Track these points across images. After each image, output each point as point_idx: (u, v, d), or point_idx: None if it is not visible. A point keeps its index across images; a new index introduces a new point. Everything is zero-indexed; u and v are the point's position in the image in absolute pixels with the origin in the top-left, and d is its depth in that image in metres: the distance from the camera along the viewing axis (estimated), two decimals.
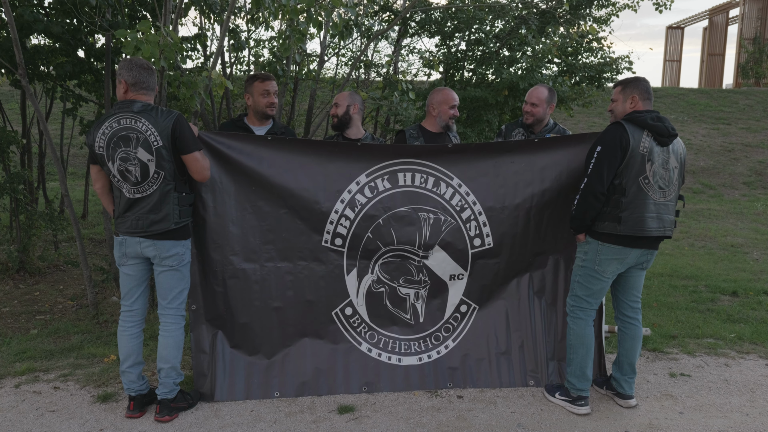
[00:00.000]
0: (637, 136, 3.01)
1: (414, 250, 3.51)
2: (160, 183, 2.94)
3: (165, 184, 2.95)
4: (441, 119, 3.94)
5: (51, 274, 5.84)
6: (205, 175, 3.06)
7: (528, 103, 4.01)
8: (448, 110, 3.93)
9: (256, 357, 3.42)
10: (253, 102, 3.66)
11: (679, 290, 5.73)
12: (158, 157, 2.91)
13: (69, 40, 4.81)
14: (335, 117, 3.87)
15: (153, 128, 2.89)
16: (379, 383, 3.47)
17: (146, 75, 2.96)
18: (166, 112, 2.94)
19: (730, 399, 3.45)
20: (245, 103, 3.76)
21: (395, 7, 7.67)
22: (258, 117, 3.69)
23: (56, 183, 10.07)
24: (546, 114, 4.00)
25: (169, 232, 2.99)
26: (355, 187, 3.42)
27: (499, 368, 3.57)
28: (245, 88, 3.68)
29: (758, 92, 18.02)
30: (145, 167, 2.91)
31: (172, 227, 2.98)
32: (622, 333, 3.38)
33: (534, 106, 3.97)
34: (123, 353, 3.13)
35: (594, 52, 7.79)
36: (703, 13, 24.30)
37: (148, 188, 2.94)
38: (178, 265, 3.07)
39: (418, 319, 3.59)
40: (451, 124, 3.98)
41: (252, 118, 3.72)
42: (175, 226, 3.00)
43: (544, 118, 4.00)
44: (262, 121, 3.71)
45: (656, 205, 3.08)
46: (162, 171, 2.93)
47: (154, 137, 2.89)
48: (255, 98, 3.64)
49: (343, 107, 3.85)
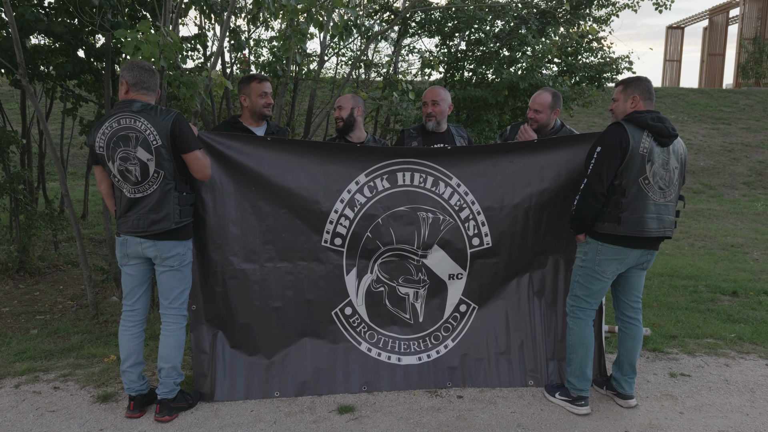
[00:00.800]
0: (637, 137, 3.00)
1: (413, 250, 3.51)
2: (160, 182, 2.94)
3: (165, 184, 2.95)
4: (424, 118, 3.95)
5: (51, 274, 5.84)
6: (206, 174, 3.06)
7: (531, 109, 3.90)
8: (424, 108, 3.93)
9: (256, 357, 3.42)
10: (250, 103, 3.64)
11: (679, 290, 5.73)
12: (158, 156, 2.91)
13: (69, 40, 4.81)
14: (340, 120, 3.86)
15: (152, 127, 2.89)
16: (378, 383, 3.47)
17: (147, 76, 2.97)
18: (165, 111, 2.94)
19: (730, 399, 3.45)
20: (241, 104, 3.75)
21: (395, 7, 7.67)
22: (255, 118, 3.67)
23: (56, 183, 10.07)
24: (551, 119, 3.87)
25: (169, 232, 2.99)
26: (355, 186, 3.42)
27: (499, 368, 3.57)
28: (240, 89, 3.65)
29: (758, 92, 18.02)
30: (145, 166, 2.91)
31: (172, 227, 2.98)
32: (623, 333, 3.38)
33: (537, 112, 3.85)
34: (124, 353, 3.14)
35: (594, 52, 7.80)
36: (703, 13, 24.30)
37: (149, 188, 2.94)
38: (179, 265, 3.08)
39: (417, 318, 3.59)
40: (427, 121, 3.91)
41: (248, 118, 3.69)
42: (175, 226, 2.99)
43: (548, 123, 3.88)
44: (259, 122, 3.70)
45: (656, 206, 3.08)
46: (162, 170, 2.93)
47: (154, 136, 2.89)
48: (252, 99, 3.62)
49: (347, 110, 3.84)
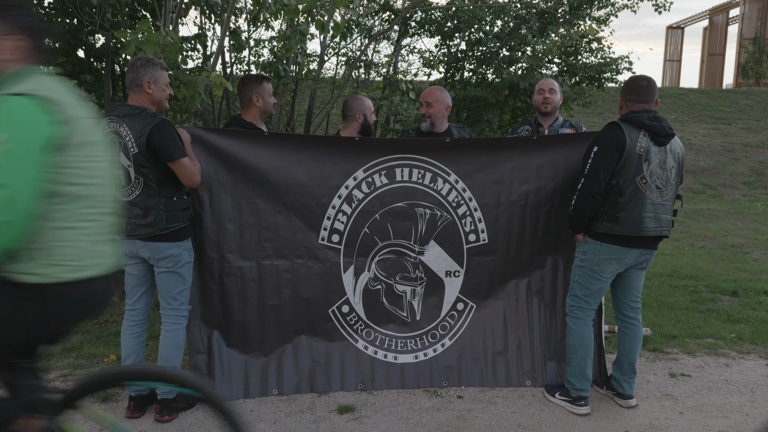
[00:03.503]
0: (634, 136, 3.00)
1: (410, 246, 3.51)
2: (141, 188, 2.91)
3: (147, 189, 2.91)
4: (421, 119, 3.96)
5: None
6: (195, 181, 2.98)
7: (545, 90, 3.94)
8: (421, 108, 3.94)
9: (252, 355, 3.41)
10: (263, 103, 3.55)
11: (679, 290, 5.73)
12: (136, 163, 2.88)
13: (69, 40, 4.81)
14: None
15: (131, 134, 2.86)
16: (375, 381, 3.47)
17: (132, 75, 2.93)
18: (149, 117, 2.86)
19: (730, 399, 3.45)
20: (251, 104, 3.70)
21: (395, 7, 7.67)
22: (263, 117, 3.64)
23: None
24: (559, 104, 3.99)
25: (158, 236, 2.96)
26: (353, 182, 3.41)
27: (495, 368, 3.57)
28: (252, 89, 3.55)
29: (758, 92, 18.00)
30: (127, 172, 2.90)
31: (158, 232, 2.93)
32: (623, 333, 3.37)
33: (553, 92, 3.93)
34: (124, 352, 3.14)
35: (594, 53, 7.79)
36: (703, 13, 24.28)
37: (131, 193, 2.93)
38: (174, 266, 3.03)
39: (414, 316, 3.59)
40: (423, 122, 3.91)
41: (257, 118, 3.60)
42: (161, 232, 2.94)
43: (558, 107, 4.00)
44: (264, 122, 3.70)
45: (654, 205, 3.08)
46: (141, 177, 2.89)
47: (132, 143, 2.86)
48: (265, 99, 3.54)
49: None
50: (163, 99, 3.00)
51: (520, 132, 4.08)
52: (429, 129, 3.92)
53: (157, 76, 2.95)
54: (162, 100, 3.00)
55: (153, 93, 2.95)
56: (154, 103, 2.98)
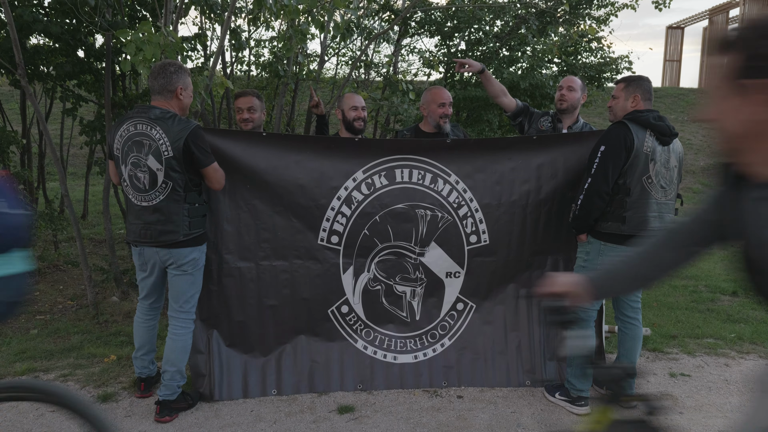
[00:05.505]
0: (641, 136, 3.01)
1: (410, 247, 3.51)
2: (167, 193, 2.93)
3: (173, 194, 2.93)
4: (432, 119, 3.89)
5: (51, 274, 5.83)
6: (222, 184, 3.10)
7: (564, 87, 3.83)
8: (437, 109, 3.86)
9: (252, 355, 3.42)
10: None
11: (679, 290, 5.73)
12: (167, 167, 2.89)
13: (69, 40, 4.80)
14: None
15: (166, 138, 2.88)
16: (374, 381, 3.48)
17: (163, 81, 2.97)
18: (184, 122, 2.92)
19: (730, 399, 3.45)
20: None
21: (395, 7, 7.67)
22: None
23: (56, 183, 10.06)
24: (579, 103, 3.82)
25: (180, 242, 2.99)
26: (352, 183, 3.41)
27: (495, 368, 3.57)
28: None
29: None
30: (154, 175, 2.90)
31: (181, 239, 2.98)
32: (623, 333, 3.37)
33: (571, 90, 3.79)
34: (138, 342, 3.28)
35: (594, 52, 7.79)
36: (703, 13, 24.27)
37: (155, 198, 2.93)
38: (193, 269, 3.10)
39: (414, 316, 3.59)
40: (443, 124, 3.86)
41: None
42: (183, 238, 2.98)
43: (577, 106, 3.83)
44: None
45: (658, 205, 3.09)
46: (170, 181, 2.91)
47: (166, 147, 2.88)
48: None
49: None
50: (188, 105, 3.09)
51: (542, 121, 3.96)
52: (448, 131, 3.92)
53: (188, 83, 3.03)
54: (188, 107, 3.09)
55: (183, 99, 3.03)
56: (182, 109, 3.04)
